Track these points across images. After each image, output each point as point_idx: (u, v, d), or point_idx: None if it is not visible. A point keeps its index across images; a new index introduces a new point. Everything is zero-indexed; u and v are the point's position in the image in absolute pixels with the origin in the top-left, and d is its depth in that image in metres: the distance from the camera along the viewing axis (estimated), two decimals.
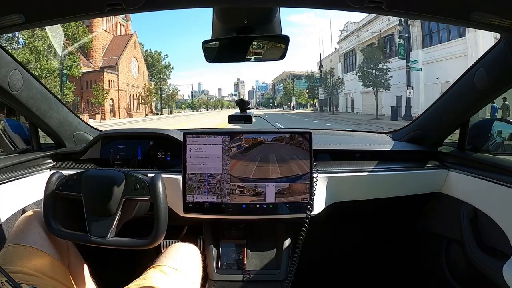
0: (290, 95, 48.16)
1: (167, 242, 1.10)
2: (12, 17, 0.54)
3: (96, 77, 25.89)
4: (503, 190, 0.84)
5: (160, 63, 34.18)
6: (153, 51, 34.44)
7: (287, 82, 51.37)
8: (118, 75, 28.00)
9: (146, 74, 32.99)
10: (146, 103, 31.10)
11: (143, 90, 30.73)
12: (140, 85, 30.78)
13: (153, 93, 31.82)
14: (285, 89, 51.56)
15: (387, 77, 18.48)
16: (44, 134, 1.17)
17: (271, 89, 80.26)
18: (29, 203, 1.00)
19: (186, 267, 0.87)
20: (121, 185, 0.82)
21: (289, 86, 49.89)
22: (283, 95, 52.88)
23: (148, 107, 32.71)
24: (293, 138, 0.96)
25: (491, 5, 0.53)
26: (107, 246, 0.81)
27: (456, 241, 1.01)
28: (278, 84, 66.47)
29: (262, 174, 0.96)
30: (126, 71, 29.37)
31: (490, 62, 0.85)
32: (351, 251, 1.38)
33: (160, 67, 33.94)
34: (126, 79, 29.33)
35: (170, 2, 0.61)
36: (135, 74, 31.05)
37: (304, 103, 46.74)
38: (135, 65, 31.30)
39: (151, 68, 33.64)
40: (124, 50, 29.15)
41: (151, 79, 33.79)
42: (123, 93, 28.66)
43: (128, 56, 29.85)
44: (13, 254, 0.76)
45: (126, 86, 28.99)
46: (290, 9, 2.47)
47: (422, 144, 1.18)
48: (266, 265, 1.03)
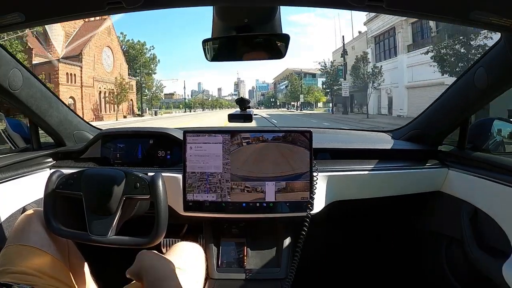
0: (297, 92, 40.87)
1: (167, 241, 1.11)
2: (12, 16, 0.54)
3: (50, 70, 19.58)
4: (503, 189, 0.84)
5: (144, 55, 29.05)
6: (135, 42, 28.95)
7: (293, 77, 43.40)
8: (81, 68, 21.27)
9: (125, 68, 27.07)
10: (117, 102, 24.30)
11: (114, 86, 24.26)
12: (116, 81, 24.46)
13: (127, 90, 24.93)
14: (291, 85, 43.79)
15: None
16: (44, 133, 1.17)
17: (271, 88, 77.54)
18: (29, 202, 1.01)
19: (190, 266, 0.87)
20: (121, 184, 0.83)
21: (296, 82, 42.17)
22: (287, 92, 45.97)
23: (127, 106, 27.03)
24: (293, 136, 0.96)
25: (491, 4, 0.52)
26: (107, 245, 0.81)
27: (456, 240, 1.01)
28: (280, 83, 61.64)
29: (262, 172, 0.96)
30: (95, 62, 22.93)
31: (490, 61, 0.85)
32: (351, 250, 1.38)
33: (144, 60, 28.81)
34: (95, 72, 22.88)
35: (170, 0, 0.60)
36: (108, 67, 24.78)
37: (312, 102, 41.88)
38: (109, 56, 25.00)
39: (133, 61, 28.25)
40: (92, 37, 22.55)
41: (135, 74, 28.54)
42: (89, 90, 22.38)
43: (98, 45, 23.31)
44: (13, 254, 0.76)
45: (94, 81, 22.49)
46: (291, 8, 2.43)
47: (422, 143, 1.18)
48: (266, 263, 1.03)
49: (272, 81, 76.82)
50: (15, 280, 0.69)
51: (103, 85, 23.94)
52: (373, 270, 1.36)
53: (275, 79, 68.45)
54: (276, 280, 0.99)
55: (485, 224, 0.91)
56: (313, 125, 14.35)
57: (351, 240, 1.38)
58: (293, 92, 42.30)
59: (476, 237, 0.93)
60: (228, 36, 0.86)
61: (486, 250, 0.89)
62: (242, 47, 0.87)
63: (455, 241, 1.03)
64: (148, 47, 29.43)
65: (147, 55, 29.30)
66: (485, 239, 0.91)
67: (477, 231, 0.93)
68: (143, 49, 28.90)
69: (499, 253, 0.84)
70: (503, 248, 0.83)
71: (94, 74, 22.84)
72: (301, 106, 41.68)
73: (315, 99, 41.08)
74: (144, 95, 28.90)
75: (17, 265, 0.73)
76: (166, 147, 1.16)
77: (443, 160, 1.11)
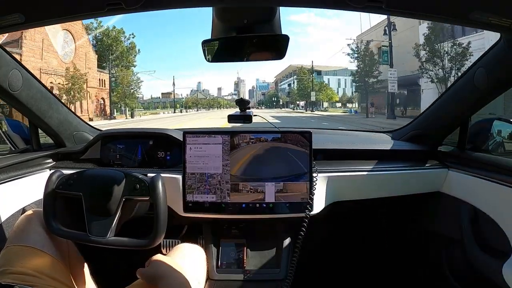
0: (307, 89, 32.84)
1: (167, 242, 1.10)
2: (12, 17, 0.54)
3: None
4: (503, 190, 0.84)
5: (121, 43, 22.71)
6: (111, 28, 22.38)
7: (302, 72, 35.48)
8: (21, 55, 15.63)
9: (93, 58, 21.48)
10: (72, 100, 18.09)
11: (64, 78, 18.24)
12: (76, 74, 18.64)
13: (80, 84, 18.75)
14: (299, 81, 36.04)
15: None
16: (44, 133, 1.17)
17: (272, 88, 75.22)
18: (29, 203, 1.01)
19: (193, 268, 0.87)
20: (121, 185, 0.82)
21: (305, 77, 34.32)
22: (294, 90, 38.37)
23: (96, 106, 21.69)
24: (293, 137, 0.96)
25: (490, 4, 0.53)
26: (107, 245, 0.81)
27: (456, 240, 1.01)
28: (282, 81, 57.02)
29: (262, 173, 0.96)
30: (44, 50, 17.34)
31: (490, 62, 0.85)
32: (351, 251, 1.38)
33: (121, 50, 22.61)
34: (43, 62, 17.26)
35: (170, 1, 0.61)
36: (66, 57, 19.04)
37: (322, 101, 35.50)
38: (68, 43, 19.44)
39: (106, 51, 22.14)
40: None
41: (113, 67, 22.31)
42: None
43: (49, 27, 16.32)
44: (13, 255, 0.76)
45: (41, 73, 16.55)
46: (291, 8, 2.43)
47: (421, 144, 1.18)
48: (266, 264, 1.03)
49: (273, 79, 70.85)
50: (15, 281, 0.69)
51: (57, 79, 18.02)
52: (373, 271, 1.36)
53: (277, 77, 64.19)
54: (275, 280, 0.99)
55: (485, 225, 0.91)
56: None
57: (351, 241, 1.38)
58: (301, 90, 34.92)
59: (476, 238, 0.93)
60: (227, 37, 0.86)
61: (486, 251, 0.89)
62: (242, 47, 0.87)
63: (455, 242, 1.03)
64: (127, 35, 23.31)
65: (125, 43, 23.05)
66: (485, 240, 0.91)
67: (477, 231, 0.93)
68: (119, 36, 22.60)
69: (499, 254, 0.84)
70: (503, 248, 0.83)
71: (41, 65, 17.11)
72: (310, 105, 34.27)
73: (327, 97, 35.76)
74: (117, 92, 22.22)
75: (17, 266, 0.73)
76: (165, 148, 1.16)
77: (443, 161, 1.11)
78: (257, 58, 0.90)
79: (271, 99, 60.68)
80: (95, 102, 21.80)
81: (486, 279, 0.87)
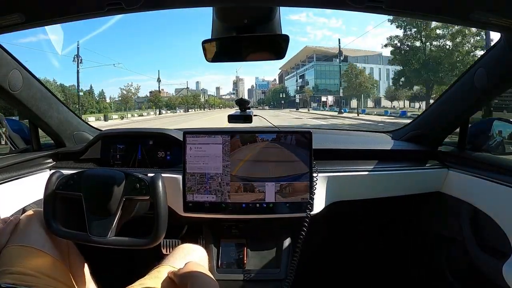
0: (355, 85, 24.71)
1: (167, 242, 1.10)
2: (12, 17, 0.54)
3: None
4: (503, 190, 0.84)
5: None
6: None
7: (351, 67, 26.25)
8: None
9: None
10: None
11: None
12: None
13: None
14: (345, 74, 26.17)
15: None
16: (44, 133, 1.17)
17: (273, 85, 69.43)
18: (29, 203, 1.01)
19: None
20: (121, 185, 0.83)
21: (350, 69, 26.00)
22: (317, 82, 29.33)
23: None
24: (293, 137, 0.96)
25: (490, 4, 0.53)
26: (107, 245, 0.81)
27: (456, 240, 1.01)
28: (290, 73, 47.34)
29: (262, 173, 0.96)
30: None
31: (490, 62, 0.85)
32: (351, 250, 1.38)
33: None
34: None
35: (170, 1, 0.61)
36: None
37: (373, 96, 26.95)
38: None
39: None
40: None
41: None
42: None
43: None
44: (13, 255, 0.76)
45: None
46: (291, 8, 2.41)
47: (421, 144, 1.18)
48: (266, 264, 1.03)
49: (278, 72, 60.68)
50: (15, 281, 0.69)
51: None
52: (373, 271, 1.36)
53: (282, 69, 54.02)
54: (276, 280, 0.99)
55: (485, 225, 0.91)
56: None
57: (351, 241, 1.38)
58: (351, 81, 25.36)
59: (476, 238, 0.93)
60: (227, 36, 0.86)
61: (486, 251, 0.89)
62: (242, 47, 0.87)
63: (455, 242, 1.03)
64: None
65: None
66: (485, 240, 0.91)
67: (477, 231, 0.93)
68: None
69: (499, 253, 0.84)
70: (503, 248, 0.83)
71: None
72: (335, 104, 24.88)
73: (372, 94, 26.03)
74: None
75: (16, 266, 0.73)
76: (165, 147, 1.16)
77: (443, 161, 1.11)
78: (257, 58, 0.90)
79: (277, 96, 49.83)
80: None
81: (486, 279, 0.87)
